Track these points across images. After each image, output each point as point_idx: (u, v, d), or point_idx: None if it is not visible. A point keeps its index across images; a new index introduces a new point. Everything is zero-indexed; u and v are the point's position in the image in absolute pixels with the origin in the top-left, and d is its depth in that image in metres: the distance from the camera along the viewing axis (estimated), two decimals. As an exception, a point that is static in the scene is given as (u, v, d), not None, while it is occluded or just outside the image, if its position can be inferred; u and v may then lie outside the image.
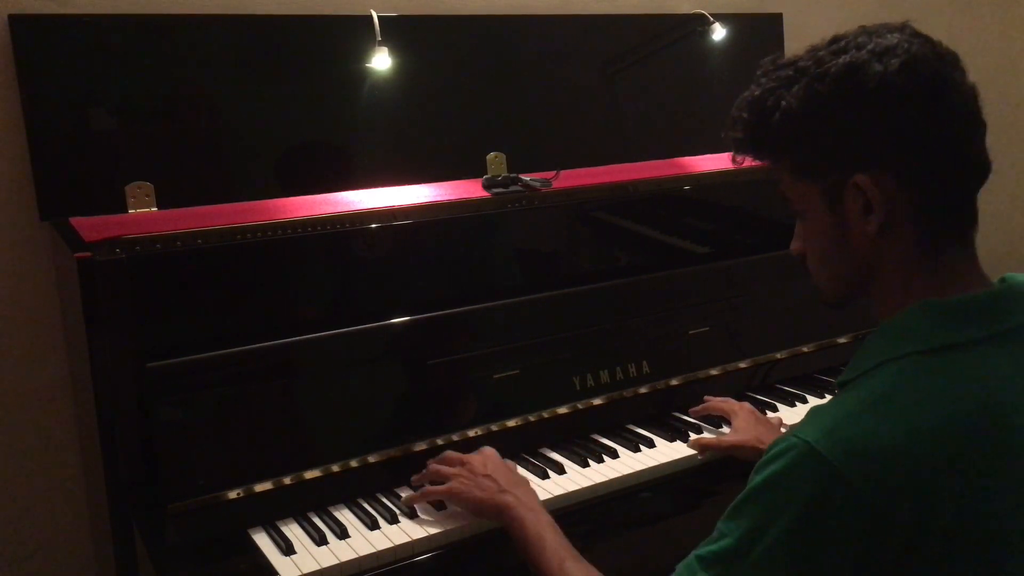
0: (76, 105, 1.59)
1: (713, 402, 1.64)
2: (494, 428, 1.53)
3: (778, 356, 1.83)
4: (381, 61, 1.78)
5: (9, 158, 1.61)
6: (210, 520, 1.31)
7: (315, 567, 1.24)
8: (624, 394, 1.65)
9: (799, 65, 0.95)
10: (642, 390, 1.67)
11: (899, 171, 0.91)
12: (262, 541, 1.31)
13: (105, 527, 1.43)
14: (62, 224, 1.49)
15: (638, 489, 1.47)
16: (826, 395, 1.76)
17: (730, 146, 1.03)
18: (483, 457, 1.37)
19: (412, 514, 1.36)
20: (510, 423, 1.55)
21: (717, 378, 1.75)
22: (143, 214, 1.56)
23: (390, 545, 1.28)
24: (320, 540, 1.29)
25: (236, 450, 1.35)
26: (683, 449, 1.55)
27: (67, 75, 1.58)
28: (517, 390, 1.55)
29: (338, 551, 1.27)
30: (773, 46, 2.35)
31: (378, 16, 1.77)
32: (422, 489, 1.36)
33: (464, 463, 1.36)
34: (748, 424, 1.54)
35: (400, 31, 1.81)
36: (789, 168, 0.98)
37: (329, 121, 1.82)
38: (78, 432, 1.71)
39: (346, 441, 1.43)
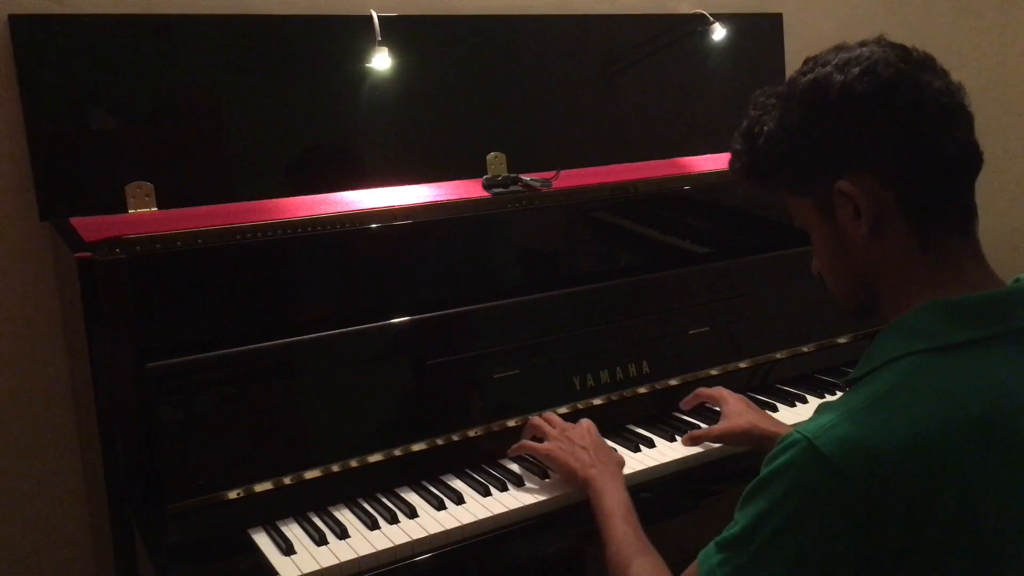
0: (76, 105, 1.59)
1: (703, 390, 1.64)
2: (494, 428, 1.53)
3: (778, 356, 1.83)
4: (381, 61, 1.78)
5: (9, 158, 1.61)
6: (210, 520, 1.31)
7: (315, 567, 1.24)
8: (624, 394, 1.65)
9: (778, 91, 1.02)
10: (642, 390, 1.67)
11: (879, 171, 0.94)
12: (262, 541, 1.31)
13: (105, 527, 1.43)
14: (62, 224, 1.49)
15: (638, 489, 1.47)
16: (826, 395, 1.76)
17: (736, 181, 1.10)
18: (583, 429, 1.44)
19: (412, 514, 1.36)
20: (510, 423, 1.55)
21: (717, 378, 1.75)
22: (143, 214, 1.56)
23: (390, 545, 1.28)
24: (320, 540, 1.29)
25: (236, 450, 1.35)
26: (683, 449, 1.55)
27: (67, 75, 1.58)
28: (517, 390, 1.55)
29: (338, 551, 1.27)
30: (773, 46, 2.35)
31: (378, 16, 1.77)
32: (524, 441, 1.47)
33: (566, 430, 1.44)
34: (739, 410, 1.53)
35: (400, 31, 1.81)
36: (785, 188, 1.03)
37: (329, 121, 1.82)
38: (78, 432, 1.71)
39: (346, 441, 1.43)
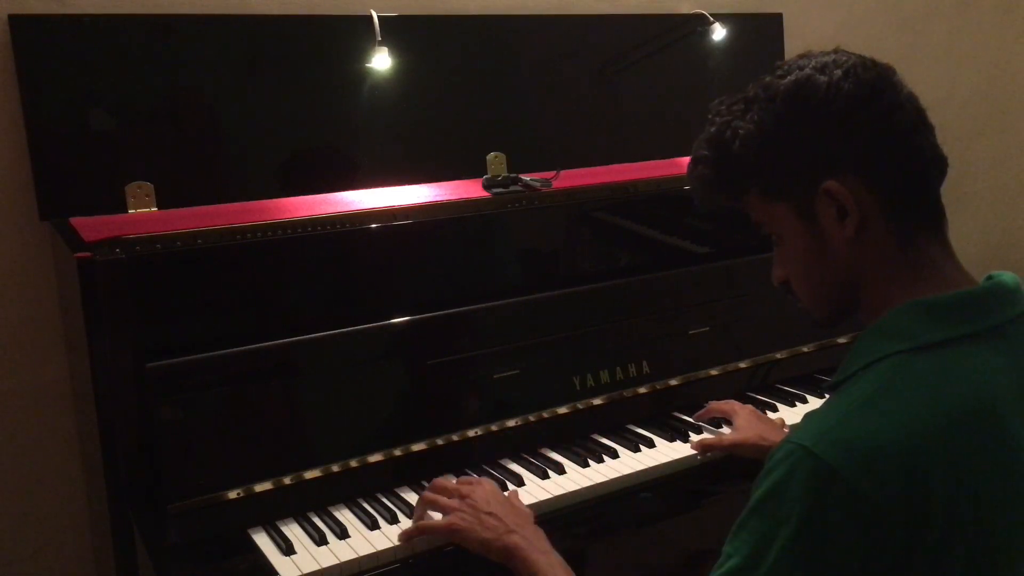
0: (76, 105, 1.59)
1: (714, 404, 1.64)
2: (494, 428, 1.53)
3: (778, 356, 1.83)
4: (381, 61, 1.78)
5: (9, 158, 1.61)
6: (210, 520, 1.31)
7: (315, 567, 1.24)
8: (624, 394, 1.65)
9: (748, 96, 1.00)
10: (642, 390, 1.67)
11: (863, 171, 0.94)
12: (262, 541, 1.31)
13: (105, 527, 1.43)
14: (62, 224, 1.49)
15: (638, 489, 1.47)
16: (826, 395, 1.76)
17: (696, 192, 1.06)
18: (484, 492, 1.29)
19: (412, 514, 1.35)
20: (510, 423, 1.55)
21: (717, 378, 1.75)
22: (143, 214, 1.56)
23: (390, 545, 1.28)
24: (320, 540, 1.29)
25: (236, 450, 1.35)
26: (683, 449, 1.55)
27: (67, 75, 1.58)
28: (517, 390, 1.55)
29: (338, 551, 1.27)
30: (773, 46, 2.35)
31: (378, 16, 1.77)
32: (420, 522, 1.29)
33: (464, 496, 1.28)
34: (749, 422, 1.54)
35: (400, 31, 1.81)
36: (758, 194, 1.01)
37: (329, 121, 1.82)
38: (78, 432, 1.71)
39: (346, 441, 1.43)
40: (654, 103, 2.19)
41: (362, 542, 1.29)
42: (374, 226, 1.53)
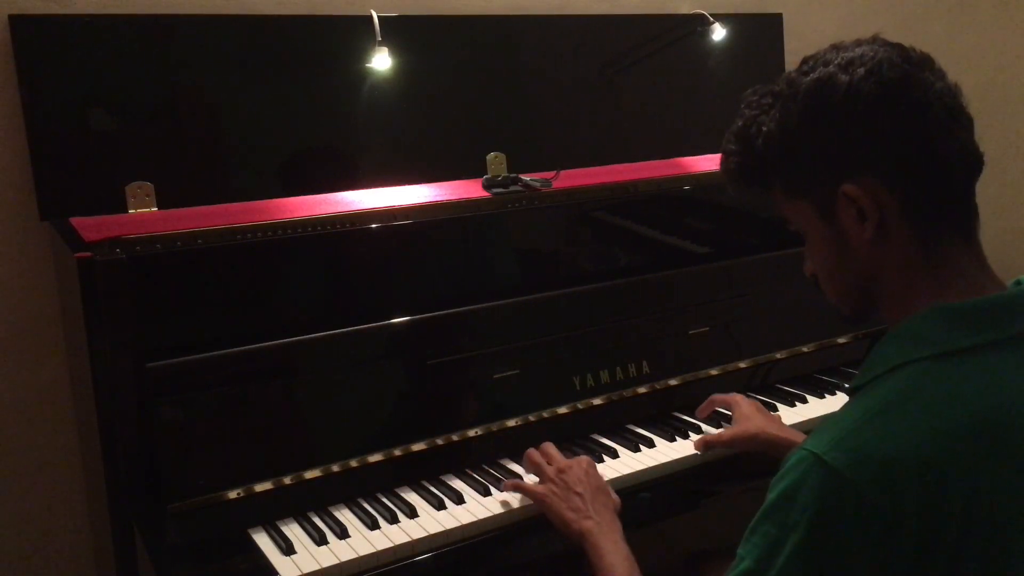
0: (76, 105, 1.59)
1: (716, 397, 1.64)
2: (494, 428, 1.53)
3: (778, 356, 1.83)
4: (381, 61, 1.78)
5: (9, 158, 1.61)
6: (210, 520, 1.31)
7: (315, 567, 1.24)
8: (624, 394, 1.65)
9: (775, 91, 0.99)
10: (642, 390, 1.67)
11: (884, 174, 0.93)
12: (262, 541, 1.31)
13: (105, 527, 1.43)
14: (62, 224, 1.49)
15: (638, 489, 1.47)
16: (826, 395, 1.76)
17: (727, 182, 1.07)
18: (580, 471, 1.36)
19: (412, 513, 1.36)
20: (510, 423, 1.55)
21: (717, 378, 1.75)
22: (143, 214, 1.56)
23: (390, 545, 1.28)
24: (320, 540, 1.29)
25: (236, 450, 1.35)
26: (683, 449, 1.55)
27: (67, 75, 1.58)
28: (517, 390, 1.55)
29: (338, 551, 1.27)
30: (773, 46, 2.35)
31: (378, 16, 1.77)
32: (516, 481, 1.40)
33: (563, 471, 1.36)
34: (749, 414, 1.53)
35: (400, 31, 1.81)
36: (782, 190, 1.01)
37: (329, 121, 1.82)
38: (78, 432, 1.71)
39: (346, 441, 1.43)
40: (654, 103, 2.19)
41: (362, 542, 1.29)
42: (374, 226, 1.53)
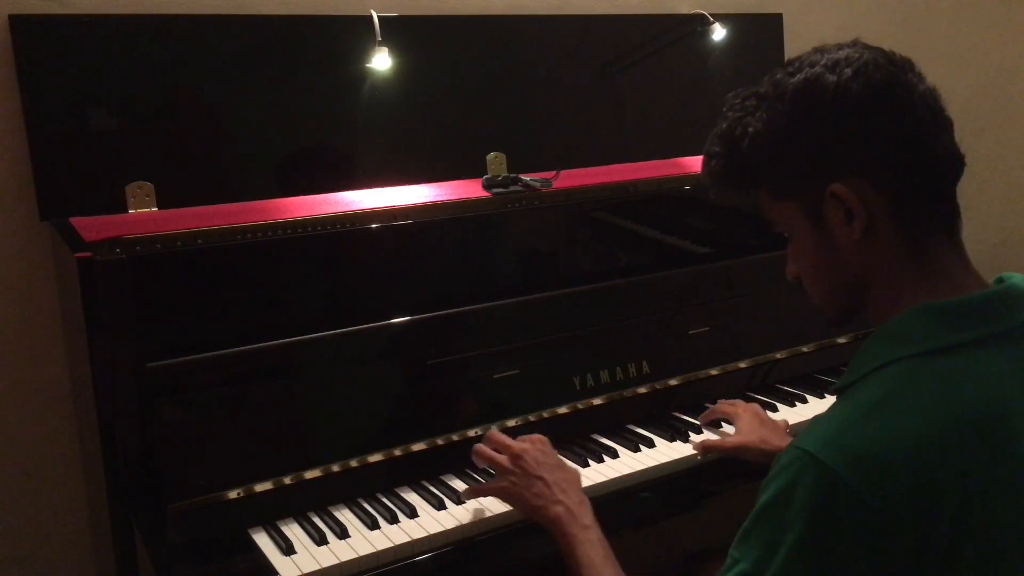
0: (76, 105, 1.59)
1: (719, 405, 1.63)
2: (494, 428, 1.53)
3: (778, 356, 1.83)
4: (381, 61, 1.78)
5: (9, 158, 1.61)
6: (210, 520, 1.31)
7: (315, 567, 1.24)
8: (624, 394, 1.65)
9: (760, 92, 0.99)
10: (642, 390, 1.67)
11: (871, 174, 0.93)
12: (262, 541, 1.31)
13: (105, 527, 1.43)
14: (62, 224, 1.49)
15: (638, 489, 1.47)
16: (826, 395, 1.76)
17: (710, 186, 1.06)
18: (535, 452, 1.33)
19: (412, 513, 1.36)
20: (510, 423, 1.55)
21: (717, 378, 1.75)
22: (143, 214, 1.56)
23: (390, 545, 1.29)
24: (320, 540, 1.29)
25: (236, 450, 1.35)
26: (683, 449, 1.55)
27: (67, 75, 1.58)
28: (517, 390, 1.55)
29: (338, 551, 1.27)
30: (773, 46, 2.35)
31: (378, 16, 1.77)
32: (475, 487, 1.38)
33: (517, 456, 1.32)
34: (752, 425, 1.53)
35: (400, 31, 1.81)
36: (768, 191, 1.01)
37: (329, 121, 1.82)
38: (78, 432, 1.71)
39: (346, 441, 1.43)
40: (654, 103, 2.19)
41: (362, 542, 1.29)
42: (374, 226, 1.53)
